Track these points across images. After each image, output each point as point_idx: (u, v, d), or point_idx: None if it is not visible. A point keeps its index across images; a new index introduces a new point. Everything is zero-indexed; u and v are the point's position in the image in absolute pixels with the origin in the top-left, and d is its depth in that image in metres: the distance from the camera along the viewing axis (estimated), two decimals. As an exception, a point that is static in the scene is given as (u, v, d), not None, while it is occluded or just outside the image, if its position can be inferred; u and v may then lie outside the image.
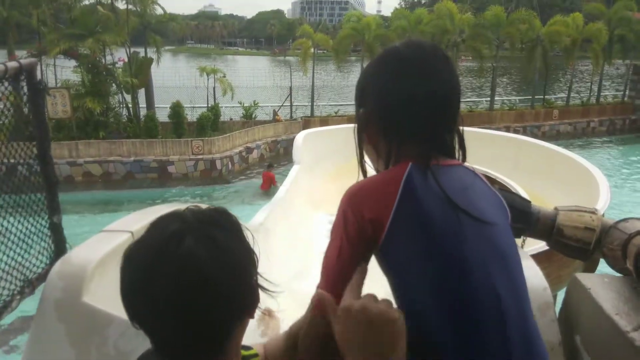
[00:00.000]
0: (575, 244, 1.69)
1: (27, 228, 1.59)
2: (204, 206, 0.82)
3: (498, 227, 0.90)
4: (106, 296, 1.60)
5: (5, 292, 1.41)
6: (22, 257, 1.52)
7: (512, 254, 0.91)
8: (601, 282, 1.43)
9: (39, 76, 1.71)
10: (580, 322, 1.44)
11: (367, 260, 0.91)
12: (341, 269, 0.88)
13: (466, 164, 0.98)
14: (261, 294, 0.83)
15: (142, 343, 1.48)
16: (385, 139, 0.94)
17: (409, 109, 0.90)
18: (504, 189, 1.81)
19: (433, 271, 0.83)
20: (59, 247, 1.64)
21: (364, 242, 0.87)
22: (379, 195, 0.87)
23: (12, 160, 1.58)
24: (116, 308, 1.54)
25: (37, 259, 1.54)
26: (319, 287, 0.91)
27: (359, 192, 0.90)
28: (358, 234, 0.87)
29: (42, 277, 1.54)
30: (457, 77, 0.96)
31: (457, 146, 1.00)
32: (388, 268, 0.90)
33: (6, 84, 1.36)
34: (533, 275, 1.48)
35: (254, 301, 0.81)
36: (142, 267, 0.74)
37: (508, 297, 0.85)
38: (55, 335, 1.47)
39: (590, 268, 2.05)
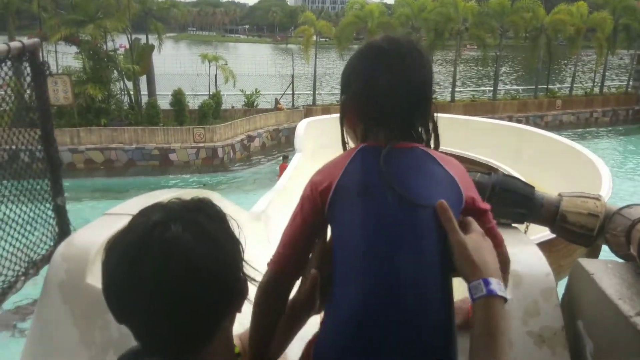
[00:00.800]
0: (578, 230, 1.69)
1: (31, 210, 1.59)
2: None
3: (427, 209, 0.92)
4: (110, 278, 1.61)
5: (10, 272, 1.42)
6: (27, 238, 1.52)
7: (425, 236, 0.92)
8: (604, 267, 1.43)
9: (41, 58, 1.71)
10: (583, 307, 1.45)
11: (323, 232, 1.02)
12: (293, 232, 1.01)
13: (427, 149, 1.02)
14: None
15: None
16: (361, 124, 1.03)
17: (379, 97, 0.99)
18: (508, 175, 1.80)
19: (359, 237, 0.92)
20: (63, 230, 1.65)
21: (314, 211, 0.98)
22: (330, 170, 0.99)
23: (14, 147, 1.57)
24: (120, 290, 1.55)
25: (41, 240, 1.54)
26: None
27: (319, 170, 1.03)
28: (310, 202, 0.99)
29: (46, 258, 1.54)
30: (428, 72, 1.04)
31: (433, 134, 1.07)
32: (332, 233, 0.99)
33: (9, 64, 1.36)
34: (536, 261, 1.48)
35: (241, 291, 0.79)
36: (126, 257, 0.70)
37: (408, 274, 0.89)
38: (59, 316, 1.48)
39: (593, 255, 2.05)
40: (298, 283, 1.05)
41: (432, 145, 1.06)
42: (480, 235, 0.92)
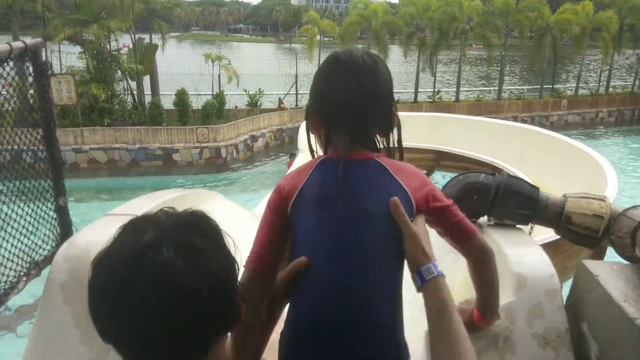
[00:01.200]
0: (583, 231, 1.68)
1: (33, 210, 1.59)
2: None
3: (377, 217, 1.02)
4: (112, 279, 1.61)
5: (12, 273, 1.41)
6: (29, 239, 1.52)
7: (373, 243, 1.02)
8: (609, 269, 1.42)
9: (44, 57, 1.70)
10: (588, 309, 1.43)
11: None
12: (265, 232, 1.11)
13: (381, 159, 1.11)
14: None
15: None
16: (323, 128, 1.13)
17: (333, 106, 1.10)
18: (512, 176, 1.79)
19: (316, 243, 1.03)
20: (65, 230, 1.64)
21: (280, 213, 1.10)
22: (295, 178, 1.11)
23: (16, 147, 1.57)
24: (121, 290, 1.54)
25: (43, 241, 1.54)
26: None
27: (286, 175, 1.18)
28: (276, 205, 1.10)
29: (48, 259, 1.54)
30: (383, 81, 1.13)
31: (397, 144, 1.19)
32: (292, 237, 1.09)
33: (11, 64, 1.36)
34: (540, 262, 1.47)
35: (234, 314, 0.78)
36: (116, 277, 0.68)
37: (359, 277, 0.99)
38: (61, 317, 1.47)
39: (598, 257, 2.03)
40: None
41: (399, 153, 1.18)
42: (424, 228, 1.05)
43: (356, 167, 1.06)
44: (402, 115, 1.28)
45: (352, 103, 1.08)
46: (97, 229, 1.74)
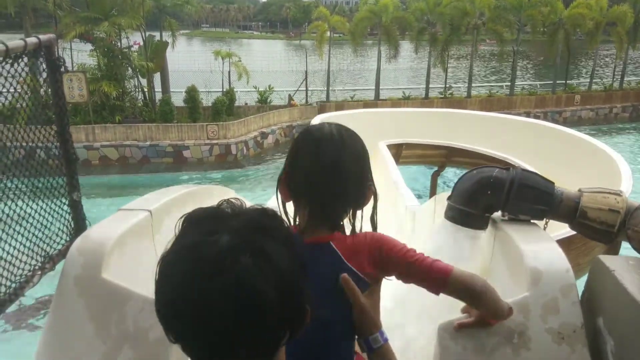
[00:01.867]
0: (599, 226, 1.65)
1: (48, 205, 1.60)
2: (245, 201, 0.78)
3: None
4: (125, 273, 1.61)
5: (27, 267, 1.43)
6: (43, 233, 1.53)
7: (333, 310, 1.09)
8: (625, 264, 1.40)
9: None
10: (603, 304, 1.42)
11: None
12: None
13: (336, 243, 1.13)
14: None
15: (160, 319, 1.50)
16: (290, 199, 1.19)
17: (295, 178, 1.15)
18: (527, 170, 1.77)
19: None
20: (79, 225, 1.66)
21: None
22: None
23: (31, 143, 1.58)
24: (135, 284, 1.55)
25: (57, 235, 1.55)
26: None
27: None
28: None
29: (62, 253, 1.56)
30: (350, 157, 1.13)
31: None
32: None
33: (26, 59, 1.37)
34: (555, 257, 1.45)
35: (301, 322, 0.78)
36: (189, 282, 0.68)
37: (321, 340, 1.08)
38: (75, 310, 1.49)
39: (612, 253, 2.01)
40: None
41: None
42: (376, 297, 1.16)
43: (311, 251, 1.02)
44: (413, 111, 1.28)
45: (309, 176, 1.11)
46: (111, 223, 1.75)
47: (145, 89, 15.02)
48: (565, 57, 21.55)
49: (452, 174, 9.17)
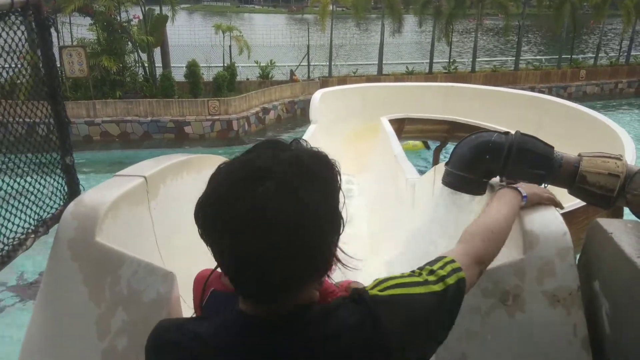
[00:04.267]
0: (598, 190, 1.63)
1: (40, 169, 1.58)
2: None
3: None
4: (118, 237, 1.61)
5: (19, 229, 1.42)
6: (36, 196, 1.52)
7: None
8: (624, 227, 1.38)
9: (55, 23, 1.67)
10: (600, 267, 1.40)
11: None
12: None
13: None
14: None
15: (153, 283, 1.50)
16: None
17: None
18: (526, 135, 1.74)
19: None
20: (72, 189, 1.64)
21: None
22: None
23: (22, 109, 1.55)
24: (129, 248, 1.54)
25: (50, 199, 1.54)
26: None
27: None
28: None
29: (56, 217, 1.54)
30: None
31: None
32: None
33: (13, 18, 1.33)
34: (552, 220, 1.43)
35: (321, 264, 0.80)
36: (239, 180, 0.76)
37: None
38: (69, 273, 1.49)
39: (613, 220, 1.98)
40: None
41: None
42: None
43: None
44: (416, 86, 1.23)
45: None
46: (105, 188, 1.74)
47: (146, 64, 14.86)
48: (571, 31, 21.17)
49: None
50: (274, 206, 0.73)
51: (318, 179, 0.79)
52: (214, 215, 0.76)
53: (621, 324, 1.27)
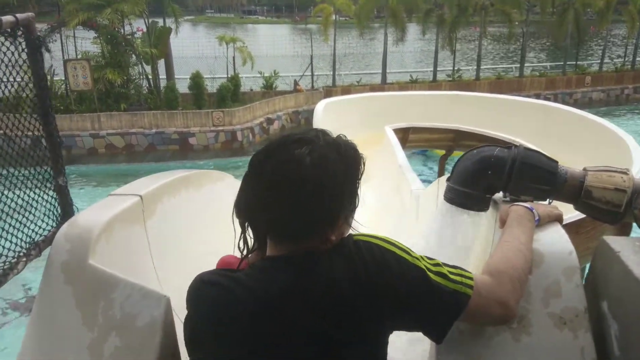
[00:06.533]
0: (604, 206, 1.58)
1: (32, 191, 1.56)
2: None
3: None
4: (113, 258, 1.57)
5: (10, 254, 1.39)
6: (27, 219, 1.49)
7: None
8: (632, 245, 1.33)
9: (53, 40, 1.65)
10: (608, 287, 1.35)
11: None
12: None
13: None
14: None
15: (147, 307, 1.46)
16: None
17: None
18: (529, 149, 1.69)
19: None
20: (66, 210, 1.61)
21: None
22: None
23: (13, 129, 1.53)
24: (121, 270, 1.51)
25: (43, 221, 1.51)
26: None
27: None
28: None
29: (48, 240, 1.51)
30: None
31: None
32: None
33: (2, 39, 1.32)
34: (558, 239, 1.38)
35: (336, 225, 1.00)
36: (280, 143, 1.01)
37: None
38: (62, 297, 1.45)
39: (622, 235, 1.93)
40: None
41: None
42: None
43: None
44: (420, 94, 1.25)
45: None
46: (99, 209, 1.71)
47: (150, 76, 14.96)
48: (575, 37, 21.13)
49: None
50: (305, 165, 0.94)
51: (346, 158, 1.00)
52: (261, 161, 1.00)
53: (631, 347, 1.22)
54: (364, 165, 1.06)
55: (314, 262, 0.98)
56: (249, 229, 1.07)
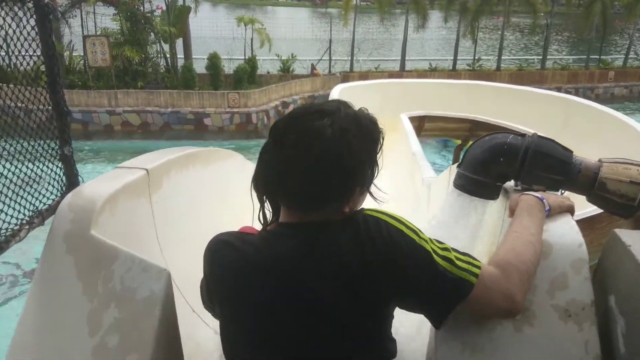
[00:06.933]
0: (618, 199, 1.53)
1: (39, 155, 1.56)
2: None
3: None
4: (116, 231, 1.57)
5: (13, 220, 1.39)
6: (31, 187, 1.49)
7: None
8: (645, 239, 1.28)
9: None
10: (617, 281, 1.31)
11: None
12: None
13: None
14: None
15: (147, 280, 1.45)
16: None
17: None
18: (544, 137, 1.64)
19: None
20: (70, 180, 1.61)
21: None
22: None
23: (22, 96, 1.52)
24: (124, 243, 1.51)
25: (46, 189, 1.51)
26: None
27: None
28: None
29: (52, 209, 1.51)
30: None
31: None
32: None
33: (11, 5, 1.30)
34: (568, 230, 1.34)
35: (350, 195, 1.03)
36: (304, 111, 1.05)
37: None
38: (63, 267, 1.45)
39: (635, 229, 1.88)
40: None
41: None
42: None
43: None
44: (437, 82, 1.27)
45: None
46: (105, 180, 1.70)
47: (168, 55, 14.97)
48: (600, 31, 20.59)
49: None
50: (326, 136, 0.96)
51: (366, 132, 1.03)
52: (285, 128, 1.01)
53: (637, 343, 1.18)
54: (382, 140, 1.08)
55: (323, 230, 1.01)
56: (267, 201, 1.14)
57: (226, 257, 1.07)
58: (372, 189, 1.13)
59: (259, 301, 1.03)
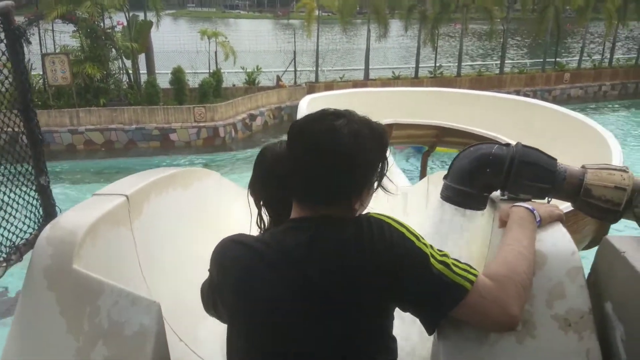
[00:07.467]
0: (604, 204, 1.56)
1: (12, 191, 1.47)
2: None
3: None
4: (99, 262, 1.50)
5: (-11, 258, 1.30)
6: (8, 221, 1.41)
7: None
8: (636, 244, 1.31)
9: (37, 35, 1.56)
10: (612, 288, 1.33)
11: None
12: None
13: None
14: None
15: (136, 314, 1.39)
16: None
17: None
18: (528, 147, 1.67)
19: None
20: (48, 211, 1.53)
21: None
22: None
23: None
24: (108, 275, 1.43)
25: (23, 223, 1.43)
26: None
27: None
28: None
29: (30, 243, 1.43)
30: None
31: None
32: None
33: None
34: (561, 239, 1.35)
35: (359, 195, 1.09)
36: (301, 122, 1.12)
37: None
38: (45, 304, 1.37)
39: (603, 230, 1.92)
40: None
41: None
42: None
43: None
44: (403, 91, 1.32)
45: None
46: (83, 209, 1.63)
47: (130, 71, 14.66)
48: (555, 35, 21.42)
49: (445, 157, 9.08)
50: (343, 135, 1.03)
51: (376, 134, 1.10)
52: (301, 128, 1.08)
53: (638, 349, 1.20)
54: (388, 144, 1.16)
55: (330, 225, 1.06)
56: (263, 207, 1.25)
57: (235, 252, 1.10)
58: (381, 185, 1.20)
59: (266, 295, 1.05)
